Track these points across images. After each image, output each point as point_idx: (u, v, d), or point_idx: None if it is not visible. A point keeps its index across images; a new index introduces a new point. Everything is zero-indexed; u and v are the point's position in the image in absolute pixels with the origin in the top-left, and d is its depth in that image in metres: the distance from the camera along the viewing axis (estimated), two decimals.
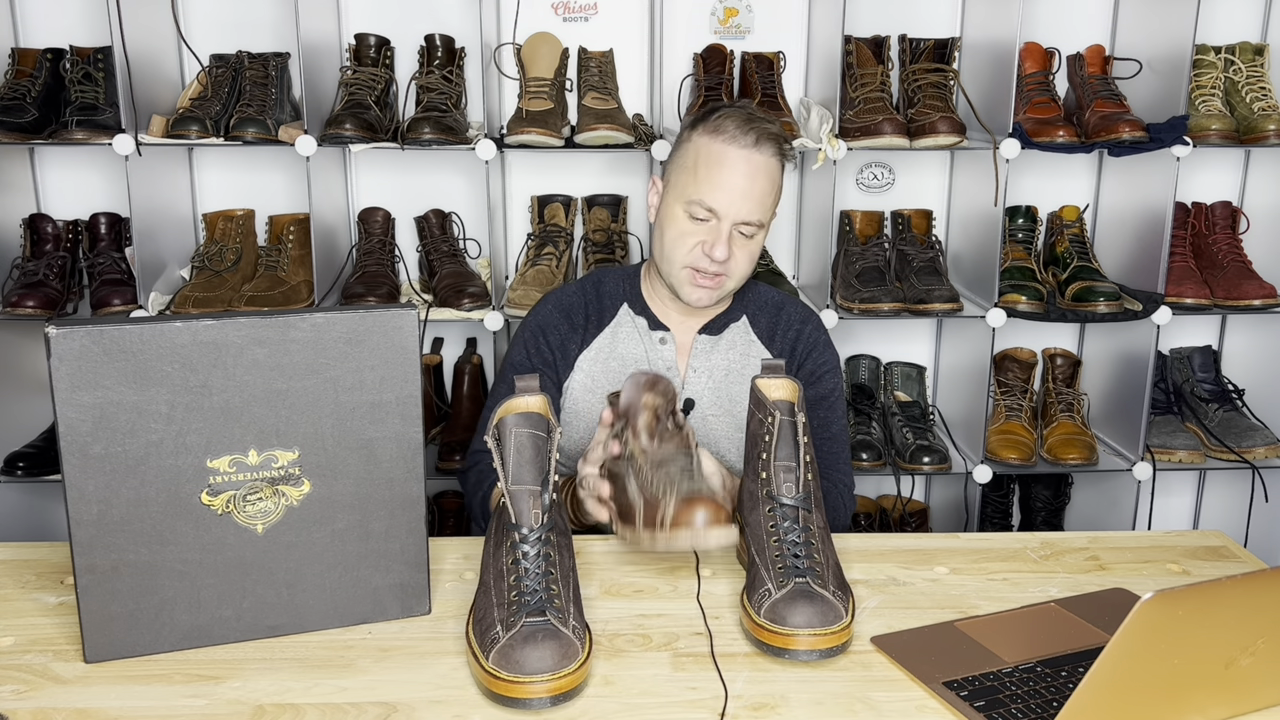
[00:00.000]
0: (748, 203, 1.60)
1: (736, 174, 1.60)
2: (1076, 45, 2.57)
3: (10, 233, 2.49)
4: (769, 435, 1.26)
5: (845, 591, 1.22)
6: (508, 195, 2.64)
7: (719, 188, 1.60)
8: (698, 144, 1.63)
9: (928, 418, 2.64)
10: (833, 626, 1.17)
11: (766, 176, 1.62)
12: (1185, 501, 2.89)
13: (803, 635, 1.16)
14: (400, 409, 1.22)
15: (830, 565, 1.23)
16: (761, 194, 1.62)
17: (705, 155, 1.62)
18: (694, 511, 1.23)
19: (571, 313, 1.77)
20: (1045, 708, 1.09)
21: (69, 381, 1.11)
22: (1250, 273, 2.51)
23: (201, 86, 2.44)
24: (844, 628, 1.18)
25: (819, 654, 1.17)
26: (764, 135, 1.61)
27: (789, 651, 1.17)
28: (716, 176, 1.60)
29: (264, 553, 1.21)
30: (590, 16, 2.59)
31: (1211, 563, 1.46)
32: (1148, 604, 0.93)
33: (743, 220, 1.61)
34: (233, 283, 2.44)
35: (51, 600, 1.32)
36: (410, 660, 1.19)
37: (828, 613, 1.17)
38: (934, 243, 2.60)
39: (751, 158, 1.60)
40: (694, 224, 1.63)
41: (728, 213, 1.60)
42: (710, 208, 1.60)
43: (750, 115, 1.63)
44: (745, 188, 1.60)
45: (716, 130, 1.62)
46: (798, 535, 1.22)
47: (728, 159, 1.60)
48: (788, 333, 1.78)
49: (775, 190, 1.65)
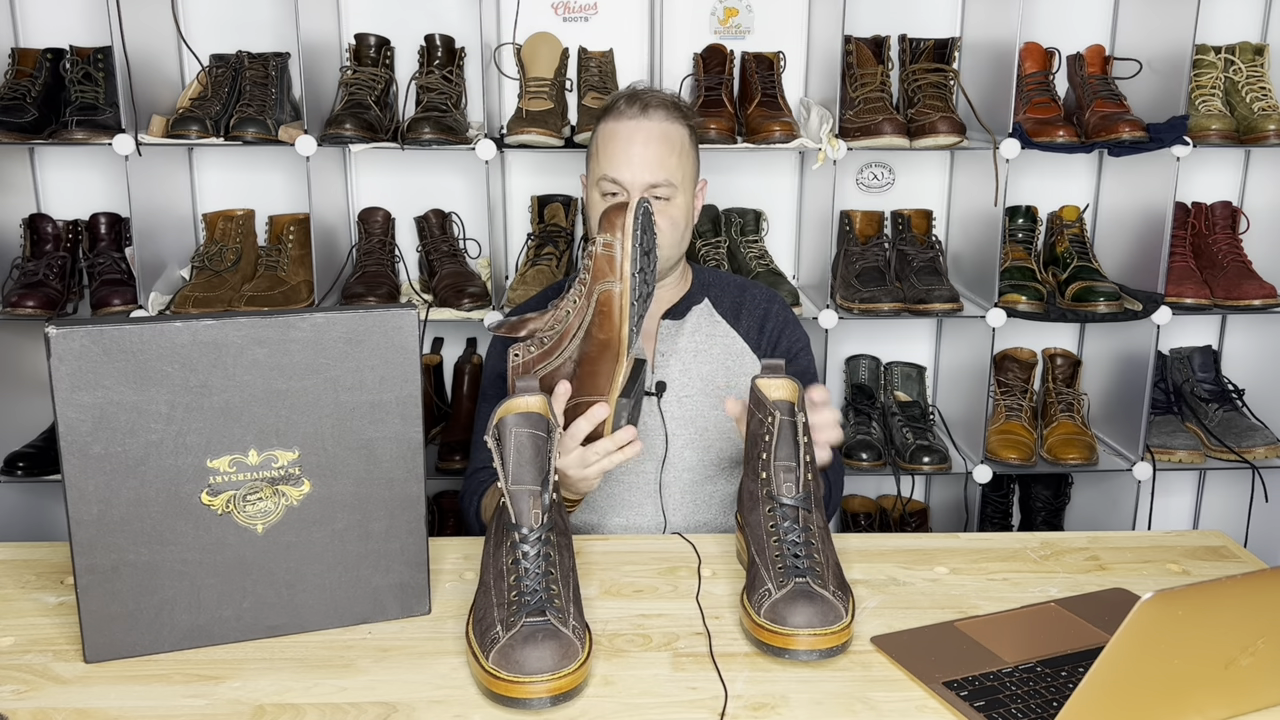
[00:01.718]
0: (647, 167, 1.68)
1: (632, 143, 1.68)
2: (1076, 45, 2.57)
3: (10, 233, 2.49)
4: (769, 435, 1.26)
5: (845, 591, 1.23)
6: (508, 195, 2.64)
7: (617, 160, 1.68)
8: (597, 132, 1.74)
9: (928, 418, 2.64)
10: (833, 626, 1.17)
11: (660, 139, 1.69)
12: (1185, 501, 2.89)
13: (803, 635, 1.16)
14: (400, 409, 1.22)
15: (830, 565, 1.23)
16: (659, 156, 1.68)
17: (603, 136, 1.72)
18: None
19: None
20: (1045, 708, 1.09)
21: (69, 381, 1.11)
22: (1250, 273, 2.51)
23: (201, 86, 2.44)
24: (844, 628, 1.18)
25: (819, 654, 1.17)
26: (650, 103, 1.71)
27: (789, 651, 1.17)
28: (614, 150, 1.69)
29: (264, 553, 1.21)
30: (590, 16, 2.59)
31: (1211, 563, 1.46)
32: (1148, 604, 0.93)
33: (649, 183, 1.68)
34: (233, 283, 2.44)
35: (51, 600, 1.32)
36: (410, 660, 1.19)
37: (828, 613, 1.17)
38: (934, 243, 2.60)
39: (640, 125, 1.69)
40: (608, 199, 1.71)
41: (633, 180, 1.68)
42: (615, 179, 1.68)
43: (637, 91, 1.75)
44: (640, 153, 1.68)
45: (608, 112, 1.74)
46: (798, 535, 1.22)
47: (620, 133, 1.70)
48: (754, 311, 1.82)
49: (677, 151, 1.71)
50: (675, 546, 1.47)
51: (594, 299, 1.37)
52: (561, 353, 1.40)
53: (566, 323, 1.39)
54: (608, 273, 1.36)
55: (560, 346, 1.40)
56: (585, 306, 1.38)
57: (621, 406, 1.41)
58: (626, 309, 1.36)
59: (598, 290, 1.37)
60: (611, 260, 1.36)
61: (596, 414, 1.40)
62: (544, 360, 1.41)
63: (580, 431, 1.40)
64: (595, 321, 1.37)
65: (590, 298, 1.38)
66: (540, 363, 1.42)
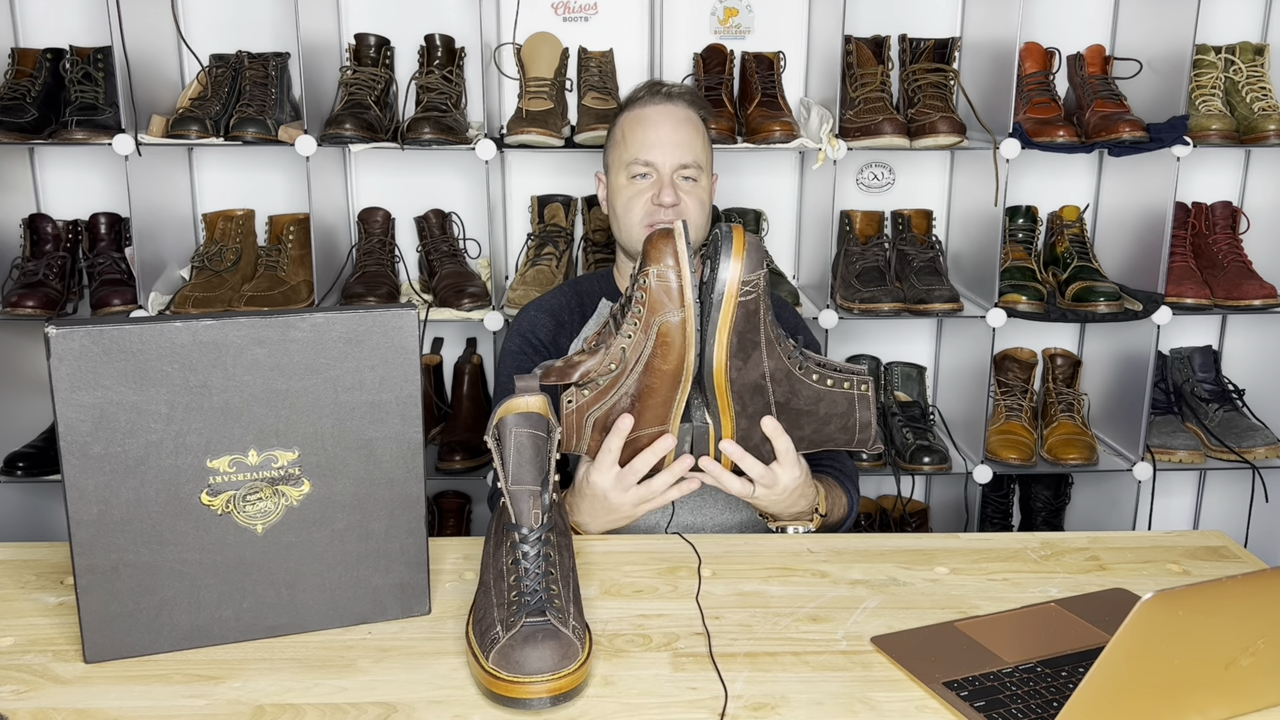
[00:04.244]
0: (678, 149, 1.72)
1: (661, 126, 1.72)
2: (1076, 45, 2.57)
3: (10, 233, 2.49)
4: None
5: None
6: (508, 195, 2.64)
7: (648, 143, 1.72)
8: (621, 121, 1.78)
9: (928, 418, 2.64)
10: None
11: (688, 123, 1.74)
12: (1185, 501, 2.89)
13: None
14: (400, 409, 1.22)
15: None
16: (688, 138, 1.73)
17: (629, 123, 1.75)
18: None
19: (556, 312, 1.81)
20: (1045, 708, 1.09)
21: (69, 381, 1.11)
22: (1250, 273, 2.51)
23: (201, 86, 2.44)
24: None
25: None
26: (674, 92, 1.77)
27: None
28: (643, 134, 1.73)
29: (264, 553, 1.21)
30: (590, 16, 2.59)
31: (1211, 563, 1.45)
32: (1148, 604, 0.93)
33: (680, 164, 1.72)
34: (233, 283, 2.44)
35: (51, 600, 1.32)
36: (410, 660, 1.19)
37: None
38: (934, 243, 2.60)
39: (668, 109, 1.74)
40: (638, 183, 1.73)
41: (664, 160, 1.71)
42: (647, 160, 1.72)
43: (657, 81, 1.81)
44: (671, 134, 1.72)
45: (632, 102, 1.79)
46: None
47: (647, 117, 1.74)
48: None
49: (701, 137, 1.76)
50: (675, 546, 1.47)
51: (654, 332, 1.32)
52: (618, 389, 1.36)
53: (624, 359, 1.35)
54: (666, 303, 1.31)
55: (618, 384, 1.36)
56: (644, 340, 1.33)
57: (683, 432, 1.39)
58: (691, 335, 1.32)
59: (657, 322, 1.32)
60: (669, 290, 1.31)
61: (661, 447, 1.38)
62: (599, 401, 1.37)
63: (643, 466, 1.38)
64: (657, 354, 1.33)
65: (649, 330, 1.32)
66: (595, 404, 1.37)
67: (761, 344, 1.33)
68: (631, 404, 1.37)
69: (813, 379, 1.38)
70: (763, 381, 1.36)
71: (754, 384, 1.35)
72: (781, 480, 1.43)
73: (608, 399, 1.37)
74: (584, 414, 1.38)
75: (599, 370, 1.36)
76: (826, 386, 1.39)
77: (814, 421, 1.41)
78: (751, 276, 1.30)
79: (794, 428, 1.41)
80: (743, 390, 1.36)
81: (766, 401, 1.37)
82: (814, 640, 1.23)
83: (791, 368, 1.37)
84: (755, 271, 1.30)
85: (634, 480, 1.40)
